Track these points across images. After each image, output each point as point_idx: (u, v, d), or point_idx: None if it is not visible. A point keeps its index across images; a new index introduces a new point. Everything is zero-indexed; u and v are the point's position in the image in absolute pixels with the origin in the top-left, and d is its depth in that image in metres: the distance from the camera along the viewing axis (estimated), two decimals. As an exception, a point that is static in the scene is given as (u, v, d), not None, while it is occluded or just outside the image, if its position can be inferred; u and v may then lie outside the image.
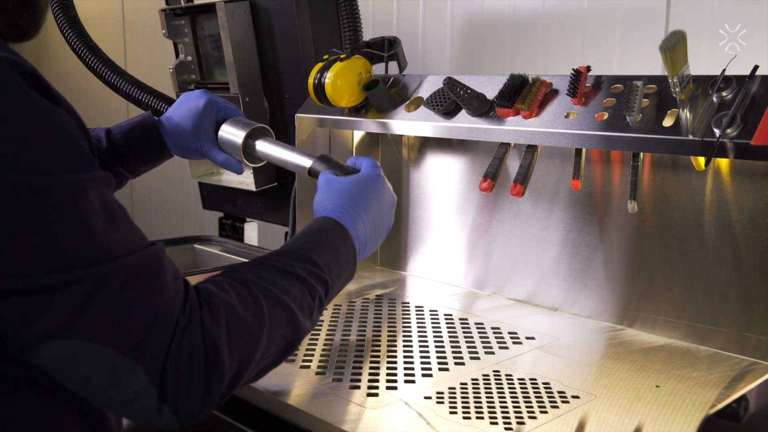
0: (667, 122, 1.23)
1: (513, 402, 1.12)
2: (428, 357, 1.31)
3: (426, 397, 1.15)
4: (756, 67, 1.17)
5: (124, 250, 0.76)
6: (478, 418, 1.07)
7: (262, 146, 1.36)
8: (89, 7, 3.89)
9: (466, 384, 1.19)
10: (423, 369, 1.26)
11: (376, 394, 1.15)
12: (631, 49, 1.62)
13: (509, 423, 1.06)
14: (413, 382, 1.21)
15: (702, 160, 1.25)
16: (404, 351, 1.34)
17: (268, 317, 0.86)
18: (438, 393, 1.16)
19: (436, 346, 1.36)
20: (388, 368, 1.26)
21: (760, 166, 1.27)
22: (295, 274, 0.92)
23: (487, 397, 1.14)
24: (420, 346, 1.36)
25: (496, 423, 1.06)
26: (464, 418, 1.07)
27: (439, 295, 1.70)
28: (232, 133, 1.38)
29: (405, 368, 1.26)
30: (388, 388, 1.18)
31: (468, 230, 1.73)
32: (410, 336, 1.42)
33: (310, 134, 1.81)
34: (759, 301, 1.29)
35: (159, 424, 0.78)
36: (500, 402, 1.12)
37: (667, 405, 1.12)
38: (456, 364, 1.28)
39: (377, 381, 1.20)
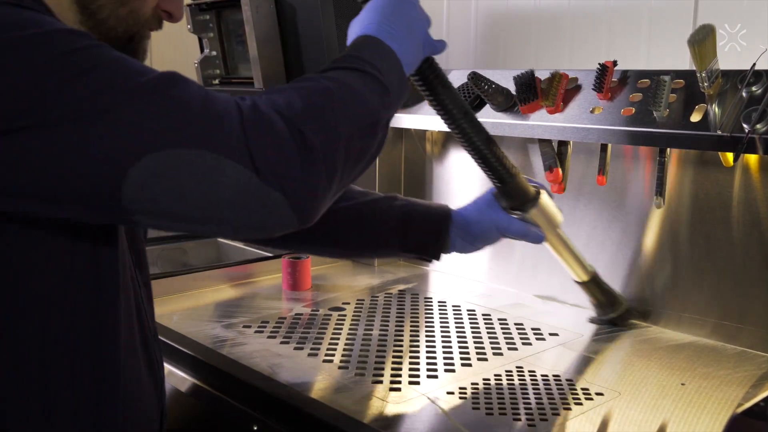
0: (695, 117, 1.22)
1: (536, 398, 1.12)
2: (451, 352, 1.31)
3: (448, 393, 1.14)
4: (787, 62, 1.16)
5: (150, 71, 0.75)
6: (500, 414, 1.07)
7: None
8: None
9: (488, 380, 1.19)
10: (446, 364, 1.26)
11: (399, 389, 1.16)
12: (658, 44, 1.60)
13: (532, 419, 1.05)
14: (436, 377, 1.21)
15: (730, 155, 1.23)
16: (427, 346, 1.34)
17: (335, 89, 0.82)
18: (461, 388, 1.16)
19: (459, 342, 1.36)
20: (410, 363, 1.26)
21: (789, 162, 1.26)
22: (345, 68, 0.88)
23: (509, 393, 1.14)
24: (443, 342, 1.36)
25: (519, 419, 1.05)
26: (487, 414, 1.07)
27: (462, 290, 1.69)
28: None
29: (427, 363, 1.26)
30: (410, 383, 1.18)
31: (491, 226, 1.72)
32: (433, 331, 1.42)
33: (333, 129, 1.80)
34: (787, 299, 1.28)
35: (281, 218, 0.75)
36: (523, 398, 1.12)
37: (693, 403, 1.11)
38: (479, 359, 1.28)
39: (400, 376, 1.20)
